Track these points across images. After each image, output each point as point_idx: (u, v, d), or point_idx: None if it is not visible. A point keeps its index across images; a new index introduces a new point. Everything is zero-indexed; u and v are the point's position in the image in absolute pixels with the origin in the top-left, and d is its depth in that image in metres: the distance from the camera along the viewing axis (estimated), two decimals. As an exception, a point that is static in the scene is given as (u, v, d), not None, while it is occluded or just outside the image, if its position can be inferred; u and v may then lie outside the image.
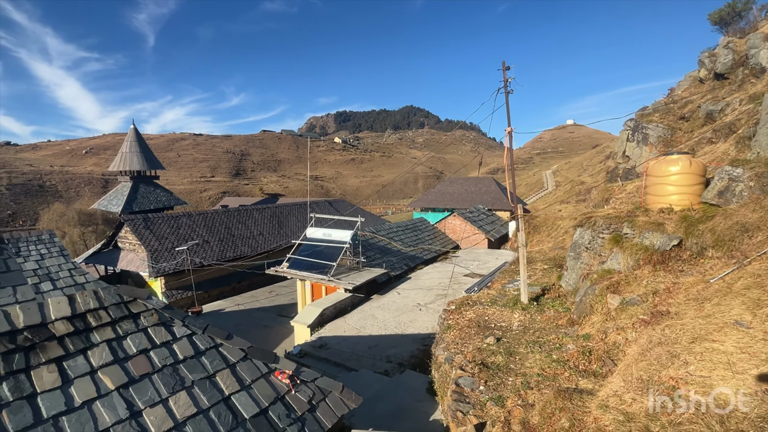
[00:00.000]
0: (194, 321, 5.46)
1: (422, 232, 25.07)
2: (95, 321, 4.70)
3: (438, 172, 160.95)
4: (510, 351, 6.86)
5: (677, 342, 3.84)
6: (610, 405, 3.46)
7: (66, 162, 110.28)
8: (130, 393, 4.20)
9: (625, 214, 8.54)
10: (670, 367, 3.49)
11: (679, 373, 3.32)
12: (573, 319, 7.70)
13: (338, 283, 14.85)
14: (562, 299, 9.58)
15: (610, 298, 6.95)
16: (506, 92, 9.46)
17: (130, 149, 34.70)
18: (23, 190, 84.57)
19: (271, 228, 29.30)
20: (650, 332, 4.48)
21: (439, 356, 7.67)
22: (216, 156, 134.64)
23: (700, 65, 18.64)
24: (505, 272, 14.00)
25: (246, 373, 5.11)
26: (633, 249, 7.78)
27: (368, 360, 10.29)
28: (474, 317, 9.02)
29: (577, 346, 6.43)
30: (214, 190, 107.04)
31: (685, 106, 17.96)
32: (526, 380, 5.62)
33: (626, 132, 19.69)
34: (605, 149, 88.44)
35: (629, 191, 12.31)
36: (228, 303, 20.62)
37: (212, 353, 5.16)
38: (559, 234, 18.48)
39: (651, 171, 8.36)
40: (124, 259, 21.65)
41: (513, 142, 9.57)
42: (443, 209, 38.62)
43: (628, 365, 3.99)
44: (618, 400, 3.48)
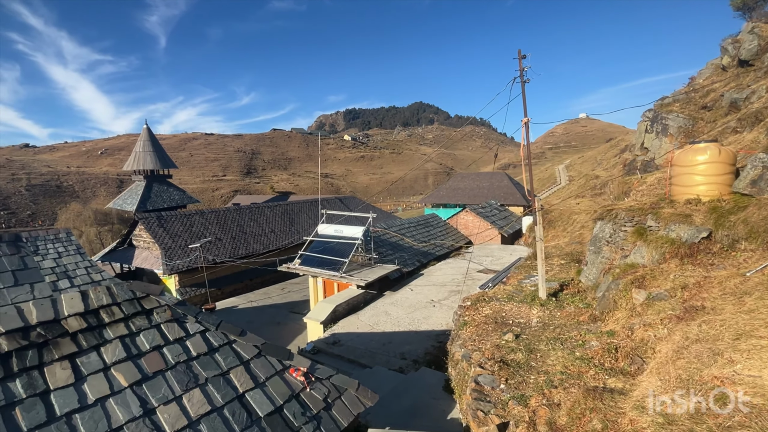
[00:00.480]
0: (207, 317, 5.37)
1: (434, 228, 24.81)
2: (108, 317, 4.64)
3: (448, 169, 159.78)
4: (530, 348, 6.63)
5: (719, 339, 3.58)
6: (647, 406, 3.24)
7: (82, 163, 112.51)
8: (143, 390, 4.12)
9: (648, 206, 8.19)
10: (713, 366, 3.25)
11: (724, 372, 3.08)
12: (595, 315, 7.42)
13: (350, 279, 14.74)
14: (581, 295, 9.29)
15: (635, 293, 6.66)
16: (522, 81, 9.16)
17: (143, 149, 35.15)
18: (42, 191, 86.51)
19: (282, 225, 29.37)
20: (685, 328, 4.22)
21: (456, 353, 7.48)
22: (227, 155, 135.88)
23: (722, 52, 17.89)
24: (521, 268, 13.69)
25: (260, 371, 5.00)
26: (658, 242, 7.45)
27: (382, 357, 10.14)
28: (491, 313, 8.79)
29: (602, 343, 6.17)
30: (225, 188, 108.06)
31: (707, 95, 17.30)
32: (549, 378, 5.40)
33: (645, 123, 19.06)
34: (620, 143, 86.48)
35: (650, 183, 11.88)
36: (241, 300, 20.71)
37: (226, 350, 5.06)
38: (576, 229, 18.04)
39: (677, 160, 7.99)
40: (139, 257, 21.93)
41: (529, 136, 9.28)
42: (455, 205, 38.23)
43: (664, 363, 3.75)
44: (656, 401, 3.25)
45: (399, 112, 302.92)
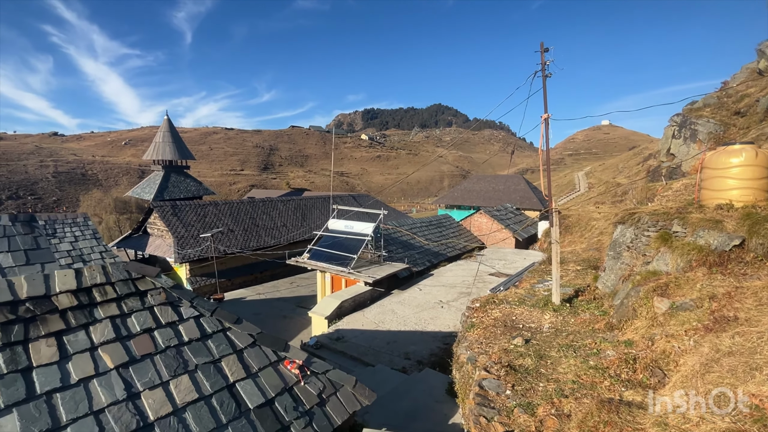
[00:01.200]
0: (203, 303, 5.20)
1: (447, 228, 24.39)
2: (100, 296, 4.51)
3: (465, 171, 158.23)
4: (540, 354, 6.25)
5: (756, 352, 3.19)
6: (671, 423, 2.89)
7: (107, 152, 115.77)
8: (129, 373, 3.97)
9: (674, 211, 7.69)
10: (749, 382, 2.88)
11: (763, 390, 2.71)
12: (612, 323, 6.98)
13: (358, 276, 14.51)
14: (598, 302, 8.82)
15: (658, 301, 6.21)
16: (543, 75, 8.76)
17: (163, 139, 35.76)
18: (67, 178, 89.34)
19: (294, 220, 29.41)
20: (715, 340, 3.82)
21: (461, 355, 7.15)
22: (246, 150, 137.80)
23: (759, 56, 16.96)
24: (534, 272, 13.22)
25: (253, 360, 4.80)
26: (684, 249, 6.96)
27: (386, 355, 9.88)
28: (500, 316, 8.42)
29: (618, 352, 5.76)
30: (243, 183, 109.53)
31: (740, 100, 16.43)
32: (560, 387, 5.03)
33: (672, 128, 18.25)
34: (643, 151, 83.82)
35: (676, 189, 11.28)
36: (249, 292, 20.75)
37: (219, 337, 4.88)
38: (594, 235, 17.39)
39: (708, 163, 7.47)
40: (152, 245, 22.22)
41: (549, 133, 8.87)
42: (469, 207, 37.64)
43: (690, 377, 3.37)
44: (681, 419, 2.89)
45: (417, 113, 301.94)
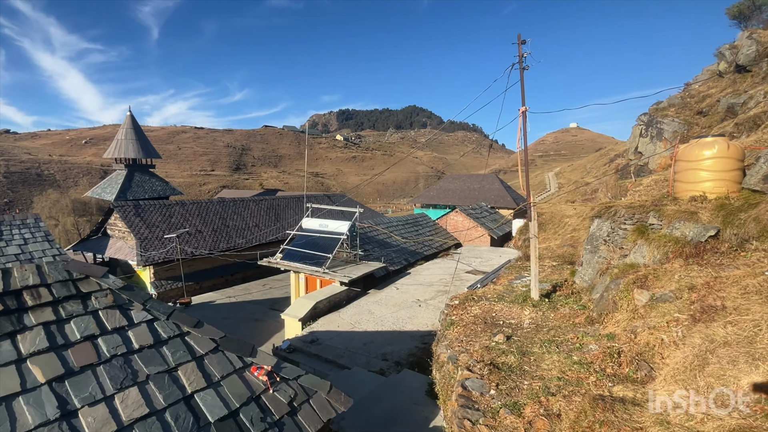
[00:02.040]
0: (158, 305, 4.65)
1: (423, 227, 24.24)
2: (32, 300, 3.90)
3: (439, 172, 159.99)
4: (523, 351, 6.05)
5: (755, 341, 3.05)
6: (673, 421, 2.69)
7: (65, 151, 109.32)
8: (65, 388, 3.40)
9: (650, 204, 7.73)
10: (753, 373, 2.72)
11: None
12: (592, 317, 6.89)
13: (333, 275, 14.04)
14: (576, 296, 8.78)
15: (638, 293, 6.14)
16: (521, 67, 8.66)
17: (125, 136, 33.91)
18: (21, 179, 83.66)
19: (267, 220, 28.49)
20: (705, 330, 3.69)
21: (441, 355, 6.87)
22: (216, 150, 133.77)
23: (719, 58, 17.78)
24: (512, 268, 13.19)
25: (215, 368, 4.30)
26: (661, 241, 6.97)
27: (363, 357, 9.48)
28: (480, 313, 8.21)
29: (601, 346, 5.63)
30: (213, 183, 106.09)
31: (702, 100, 17.16)
32: (546, 384, 4.82)
33: (639, 127, 18.87)
34: (609, 152, 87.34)
35: (647, 184, 11.51)
36: (219, 295, 19.82)
37: (176, 343, 4.34)
38: (567, 231, 17.66)
39: (682, 155, 7.54)
40: (113, 247, 20.83)
41: (527, 126, 8.78)
42: (444, 206, 37.78)
43: (684, 370, 3.20)
44: (684, 416, 2.70)
45: (392, 114, 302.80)
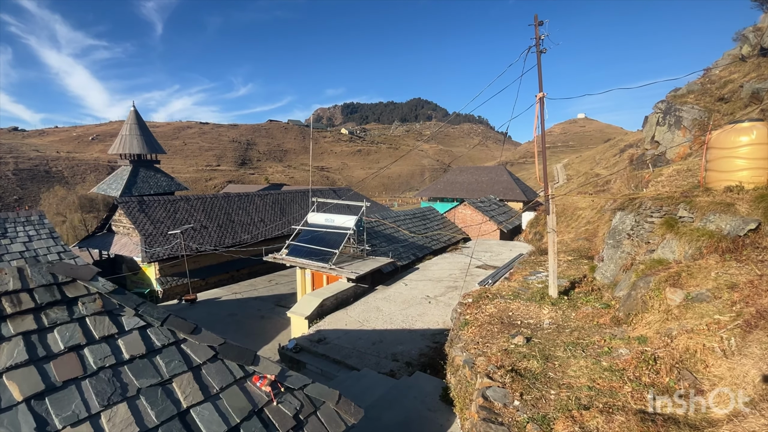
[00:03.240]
0: (152, 310, 4.27)
1: (431, 221, 23.78)
2: (11, 307, 3.52)
3: (445, 165, 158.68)
4: (546, 354, 5.62)
5: None
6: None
7: (73, 148, 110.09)
8: (44, 406, 3.03)
9: (680, 195, 7.19)
10: None
11: None
12: (619, 317, 6.43)
13: (340, 272, 13.68)
14: (597, 293, 8.30)
15: (670, 292, 5.66)
16: (538, 51, 8.11)
17: (129, 132, 33.71)
18: (29, 176, 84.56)
19: (273, 215, 28.18)
20: (766, 340, 3.24)
21: (456, 357, 6.46)
22: (222, 145, 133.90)
23: (741, 41, 16.95)
24: (525, 263, 12.71)
25: (214, 379, 3.91)
26: (693, 235, 6.45)
27: (372, 357, 9.12)
28: (495, 312, 7.78)
29: (633, 351, 5.17)
30: (219, 178, 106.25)
31: (724, 86, 16.39)
32: (575, 395, 4.39)
33: (656, 115, 18.14)
34: (618, 143, 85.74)
35: (668, 175, 10.92)
36: (225, 291, 19.58)
37: (171, 351, 3.96)
38: (581, 224, 17.08)
39: (715, 142, 6.99)
40: (118, 243, 20.66)
41: (544, 114, 8.25)
42: (452, 199, 37.20)
43: (754, 386, 2.76)
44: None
45: (397, 107, 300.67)
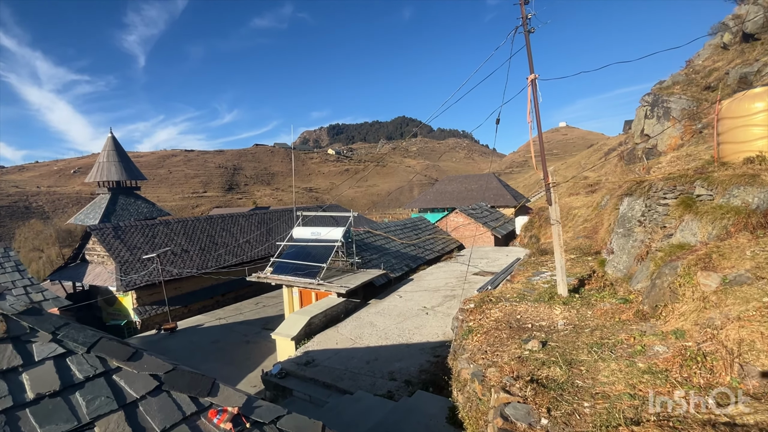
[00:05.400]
0: (77, 333, 3.32)
1: (423, 231, 22.99)
2: None
3: (433, 180, 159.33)
4: (568, 359, 4.76)
5: None
6: None
7: (53, 182, 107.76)
8: None
9: (694, 172, 6.55)
10: None
11: None
12: (643, 311, 5.63)
13: (329, 287, 12.71)
14: (610, 288, 7.52)
15: (703, 277, 4.91)
16: (525, 30, 7.57)
17: (107, 159, 32.60)
18: (8, 212, 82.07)
19: (258, 236, 27.09)
20: None
21: (462, 371, 5.55)
22: (208, 171, 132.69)
23: (721, 30, 17.00)
24: (526, 265, 11.93)
25: (155, 417, 2.92)
26: (717, 213, 5.77)
27: (366, 378, 8.12)
28: (502, 316, 6.92)
29: (672, 347, 4.36)
30: (206, 205, 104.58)
31: (709, 74, 16.27)
32: (615, 406, 3.54)
33: (644, 108, 17.93)
34: (602, 147, 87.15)
35: (669, 161, 10.41)
36: (208, 317, 18.32)
37: (96, 385, 2.97)
38: (578, 223, 16.48)
39: (726, 113, 6.42)
40: (91, 273, 19.33)
41: (536, 100, 7.66)
42: (443, 209, 36.56)
43: None
44: None
45: (382, 126, 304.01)
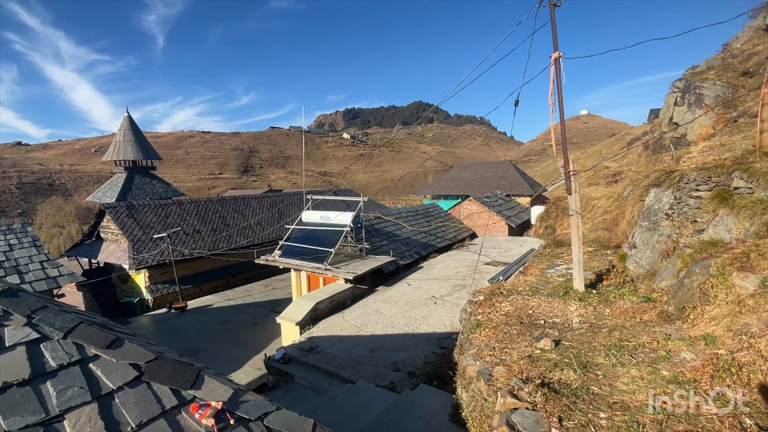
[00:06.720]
0: (53, 317, 3.10)
1: (435, 218, 22.56)
2: None
3: (448, 167, 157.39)
4: (583, 362, 4.40)
5: None
6: None
7: (75, 161, 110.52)
8: None
9: (731, 162, 5.97)
10: None
11: None
12: (668, 312, 5.20)
13: (336, 272, 12.52)
14: (630, 285, 7.06)
15: (740, 278, 4.44)
16: (551, 4, 6.97)
17: (123, 138, 32.89)
18: (33, 189, 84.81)
19: (270, 218, 27.13)
20: None
21: (468, 367, 5.25)
22: (224, 153, 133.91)
23: (764, 10, 15.75)
24: (541, 256, 11.46)
25: (131, 410, 2.68)
26: (756, 208, 5.22)
27: (369, 367, 7.93)
28: (512, 310, 6.57)
29: (701, 355, 3.96)
30: (222, 186, 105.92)
31: (748, 59, 15.12)
32: (636, 419, 3.19)
33: (674, 95, 16.88)
34: (624, 137, 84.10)
35: (701, 150, 9.68)
36: (218, 298, 18.49)
37: (70, 374, 2.74)
38: (597, 215, 15.81)
39: (774, 96, 5.79)
40: (105, 251, 19.67)
41: (560, 80, 7.11)
42: (456, 196, 35.93)
43: None
44: None
45: (398, 111, 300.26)
